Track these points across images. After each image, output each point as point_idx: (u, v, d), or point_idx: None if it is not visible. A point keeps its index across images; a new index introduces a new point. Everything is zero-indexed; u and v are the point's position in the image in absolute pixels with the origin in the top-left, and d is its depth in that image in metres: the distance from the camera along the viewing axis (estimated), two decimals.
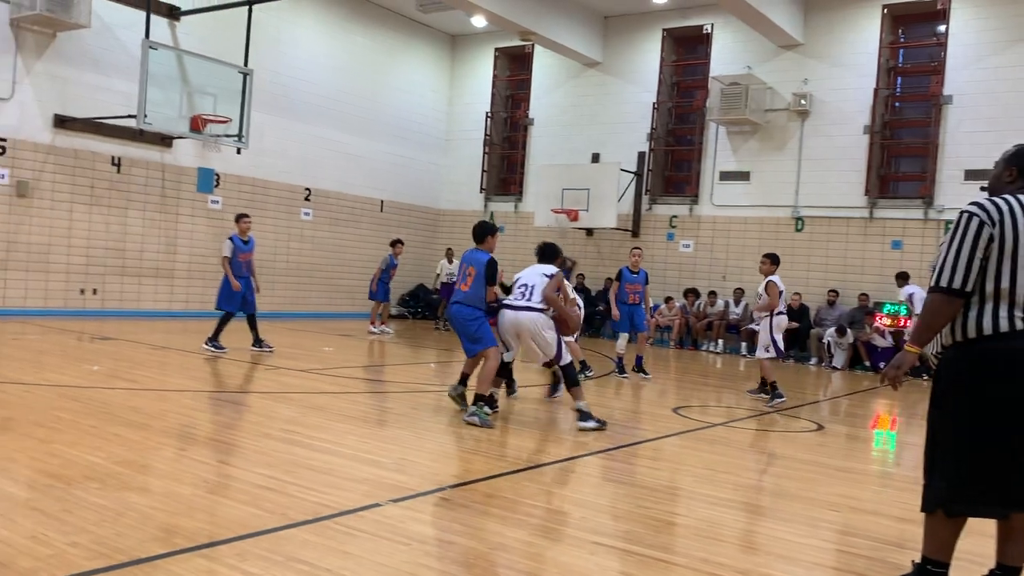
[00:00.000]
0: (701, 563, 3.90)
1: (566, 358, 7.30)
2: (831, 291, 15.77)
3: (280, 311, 16.85)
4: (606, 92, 19.00)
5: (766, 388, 9.84)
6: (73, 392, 7.27)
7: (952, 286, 3.31)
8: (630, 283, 11.26)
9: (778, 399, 9.49)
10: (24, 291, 13.72)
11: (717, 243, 17.45)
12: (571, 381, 7.28)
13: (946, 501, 3.36)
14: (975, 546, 3.88)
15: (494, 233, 7.66)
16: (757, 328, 10.19)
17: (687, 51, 18.71)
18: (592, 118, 19.11)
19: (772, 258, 9.80)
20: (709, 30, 17.78)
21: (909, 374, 3.55)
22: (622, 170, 17.76)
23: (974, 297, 3.33)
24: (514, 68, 20.97)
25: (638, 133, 18.46)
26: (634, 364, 11.49)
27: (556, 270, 7.52)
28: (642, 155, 18.39)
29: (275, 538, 3.81)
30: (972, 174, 14.64)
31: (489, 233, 7.62)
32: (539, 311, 7.25)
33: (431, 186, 21.02)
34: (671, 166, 18.97)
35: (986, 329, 3.30)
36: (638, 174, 18.34)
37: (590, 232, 18.57)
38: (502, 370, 7.63)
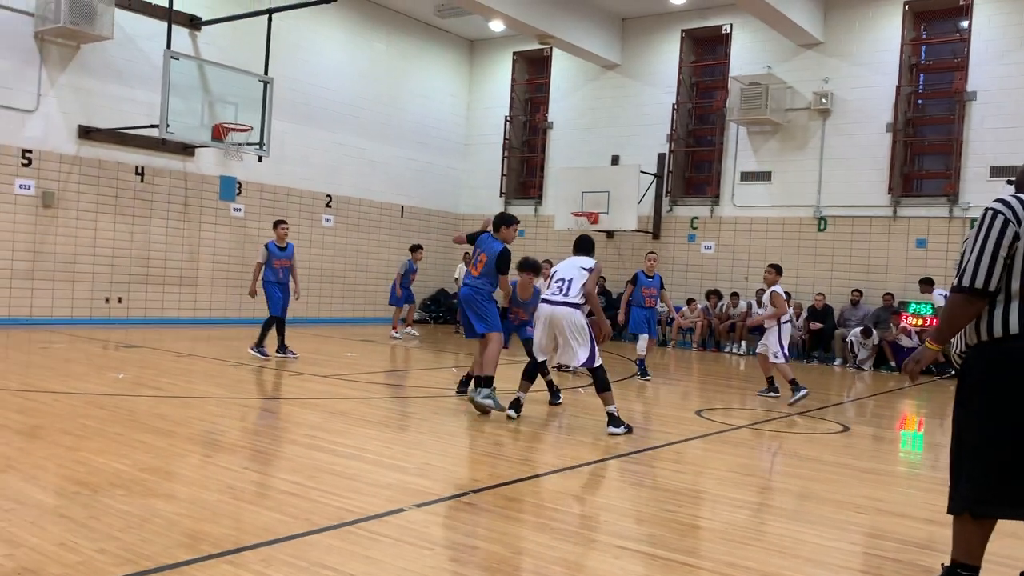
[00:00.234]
0: (727, 567, 3.87)
1: (598, 360, 7.20)
2: (855, 291, 15.62)
3: (303, 317, 16.93)
4: (625, 94, 18.96)
5: (775, 387, 10.00)
6: (99, 400, 7.35)
7: (975, 286, 3.24)
8: (646, 287, 11.51)
9: (801, 391, 9.46)
10: (51, 300, 13.90)
11: (739, 244, 17.35)
12: (602, 385, 7.16)
13: (972, 503, 3.29)
14: (1006, 548, 3.83)
15: (510, 224, 7.83)
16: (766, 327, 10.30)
17: (706, 51, 18.64)
18: (611, 120, 19.08)
19: (777, 268, 10.04)
20: (728, 30, 17.71)
21: (934, 371, 3.50)
22: (642, 172, 17.72)
23: (999, 296, 3.27)
24: (532, 72, 20.98)
25: (658, 135, 18.40)
26: (636, 366, 11.74)
27: (594, 263, 7.43)
28: (662, 157, 18.33)
29: (300, 543, 3.83)
30: (997, 171, 14.47)
31: (504, 223, 7.81)
32: (576, 307, 7.23)
33: (451, 191, 21.07)
34: (691, 167, 18.89)
35: (1012, 328, 3.24)
36: (658, 176, 18.28)
37: (610, 235, 18.53)
38: (533, 371, 7.59)
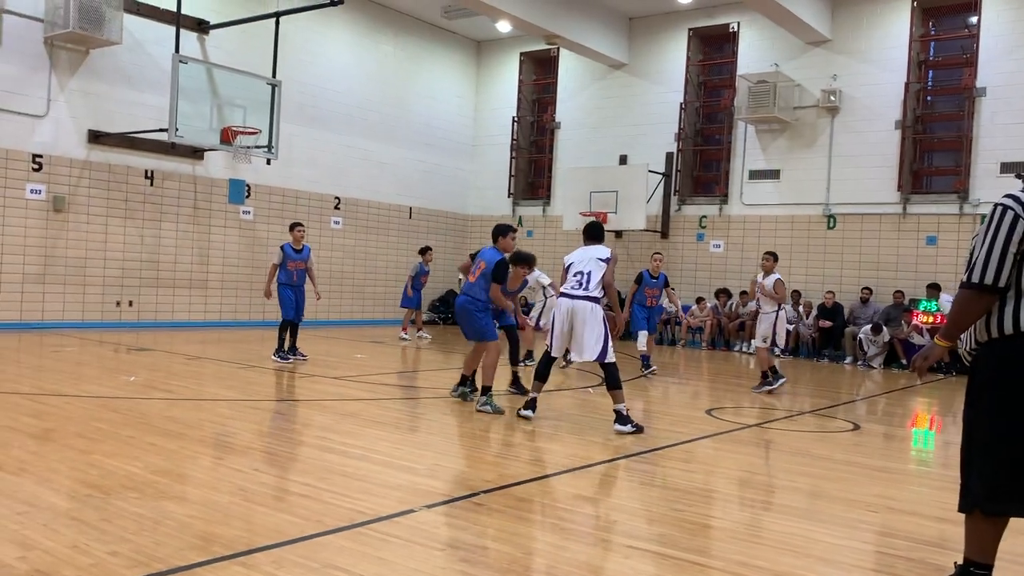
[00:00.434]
0: (738, 566, 3.87)
1: (611, 356, 7.22)
2: (864, 289, 15.55)
3: (312, 319, 16.89)
4: (632, 93, 18.95)
5: (768, 380, 10.19)
6: (111, 403, 7.38)
7: (985, 282, 3.22)
8: (649, 287, 11.86)
9: (780, 380, 10.00)
10: (62, 304, 13.97)
11: (748, 242, 17.31)
12: (613, 382, 7.17)
13: (983, 501, 3.28)
14: (1019, 546, 3.81)
15: (506, 234, 8.11)
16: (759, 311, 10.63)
17: (713, 50, 18.61)
18: (619, 120, 19.06)
19: (774, 256, 10.46)
20: (735, 28, 17.67)
21: (940, 370, 3.48)
22: (650, 171, 17.69)
23: (1009, 292, 3.24)
24: (540, 72, 20.98)
25: (666, 134, 18.38)
26: (641, 363, 11.93)
27: (611, 253, 7.39)
28: (670, 156, 18.31)
29: (311, 545, 3.84)
30: (1008, 166, 14.41)
31: (501, 234, 8.14)
32: (596, 300, 7.24)
33: (459, 192, 21.09)
34: (700, 166, 18.86)
35: (1023, 325, 3.22)
36: (666, 175, 18.26)
37: (619, 234, 18.51)
38: (545, 370, 7.57)
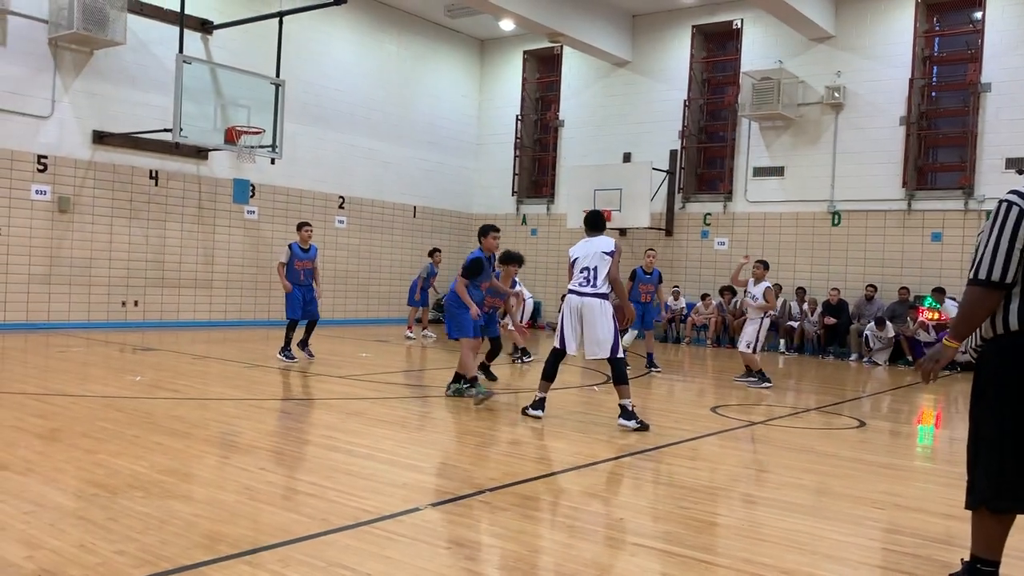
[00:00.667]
0: (744, 563, 3.86)
1: (621, 351, 7.25)
2: (869, 286, 15.52)
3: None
4: (636, 91, 18.93)
5: (752, 373, 10.59)
6: (117, 403, 7.40)
7: (992, 278, 3.21)
8: (643, 283, 11.93)
9: (766, 383, 10.38)
10: (68, 305, 14.00)
11: (752, 240, 17.28)
12: (620, 377, 7.19)
13: (989, 497, 3.27)
14: None
15: (487, 233, 8.67)
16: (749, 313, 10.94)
17: (717, 47, 18.58)
18: (623, 118, 19.04)
19: (765, 265, 10.83)
20: (739, 25, 17.65)
21: (945, 367, 3.47)
22: (654, 169, 17.68)
23: (1015, 288, 3.23)
24: (543, 70, 20.97)
25: (669, 131, 18.36)
26: (646, 361, 12.00)
27: (614, 244, 7.36)
28: (674, 153, 18.29)
29: (317, 543, 3.84)
30: (1013, 162, 14.38)
31: (483, 234, 8.70)
32: (605, 296, 7.26)
33: (463, 191, 21.09)
34: (704, 163, 18.83)
35: None
36: (670, 172, 18.24)
37: (624, 232, 18.49)
38: (552, 370, 7.54)
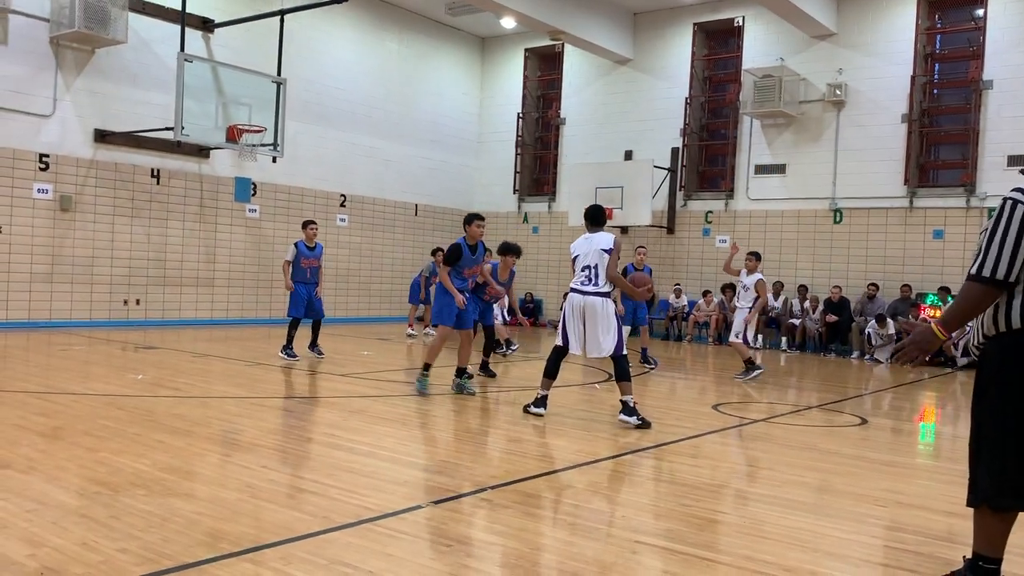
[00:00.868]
0: (745, 561, 3.86)
1: (624, 349, 7.25)
2: (871, 284, 15.50)
3: None
4: (638, 89, 18.91)
5: (756, 365, 10.75)
6: (119, 401, 7.40)
7: (996, 276, 3.19)
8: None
9: (757, 371, 10.62)
10: (69, 303, 14.02)
11: (754, 237, 17.27)
12: (623, 374, 7.19)
13: (991, 495, 3.26)
14: None
15: (471, 222, 8.76)
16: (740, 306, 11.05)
17: (718, 45, 18.57)
18: (624, 115, 19.03)
19: (757, 256, 10.89)
20: (740, 23, 17.63)
21: (945, 364, 3.46)
22: (656, 167, 17.67)
23: (1018, 287, 3.22)
24: (544, 68, 20.95)
25: (671, 129, 18.35)
26: (640, 357, 12.05)
27: (613, 240, 7.31)
28: (675, 151, 18.28)
29: (318, 541, 3.85)
30: (1015, 159, 14.36)
31: (466, 223, 8.82)
32: (607, 295, 7.26)
33: (464, 189, 21.08)
34: (705, 161, 18.82)
35: None
36: (672, 170, 18.23)
37: (625, 230, 18.49)
38: (554, 368, 7.53)
